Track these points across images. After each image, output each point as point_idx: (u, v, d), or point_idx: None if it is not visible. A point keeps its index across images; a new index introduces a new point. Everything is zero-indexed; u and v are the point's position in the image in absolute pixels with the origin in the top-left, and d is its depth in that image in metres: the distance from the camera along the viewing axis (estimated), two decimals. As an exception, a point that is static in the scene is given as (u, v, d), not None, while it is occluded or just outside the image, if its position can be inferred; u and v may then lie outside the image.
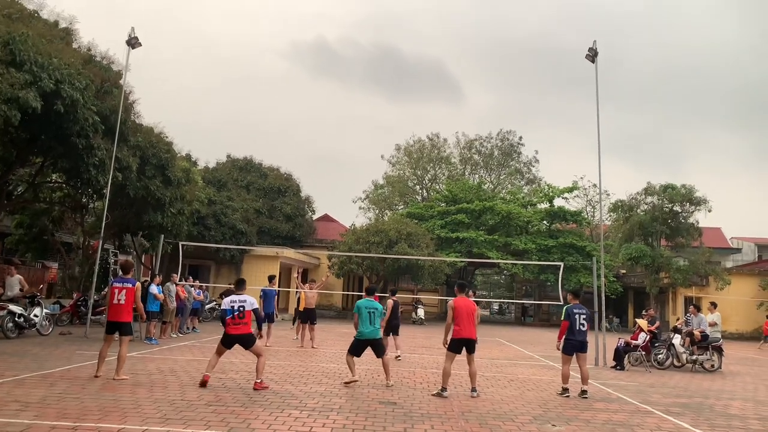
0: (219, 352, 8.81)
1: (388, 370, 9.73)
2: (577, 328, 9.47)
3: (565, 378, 9.45)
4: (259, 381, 8.55)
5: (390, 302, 13.58)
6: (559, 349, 9.67)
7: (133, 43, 15.85)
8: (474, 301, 10.20)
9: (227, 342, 8.77)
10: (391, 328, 13.36)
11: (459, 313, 8.76)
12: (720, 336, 14.69)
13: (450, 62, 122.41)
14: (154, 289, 14.41)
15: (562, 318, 9.63)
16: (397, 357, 12.88)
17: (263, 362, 8.74)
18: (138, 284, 9.34)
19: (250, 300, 8.95)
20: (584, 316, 9.57)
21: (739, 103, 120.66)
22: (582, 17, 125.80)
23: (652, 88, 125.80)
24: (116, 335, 8.97)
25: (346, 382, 9.37)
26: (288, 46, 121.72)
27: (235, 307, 8.74)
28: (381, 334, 10.13)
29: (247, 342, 8.75)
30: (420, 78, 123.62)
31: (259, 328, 9.40)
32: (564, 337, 9.58)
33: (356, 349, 9.62)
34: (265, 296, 15.50)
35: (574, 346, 9.46)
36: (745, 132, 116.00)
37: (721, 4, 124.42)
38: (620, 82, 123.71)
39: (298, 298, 17.71)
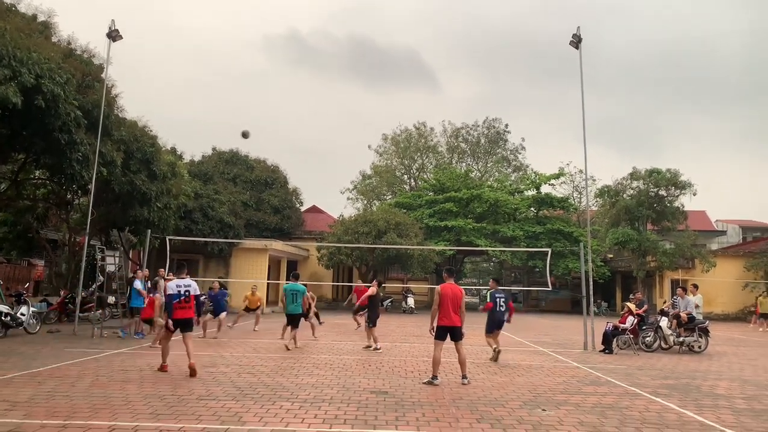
0: (167, 338, 9.25)
1: (295, 339, 12.75)
2: (498, 309, 11.65)
3: (491, 344, 11.61)
4: (192, 362, 8.83)
5: (372, 289, 13.60)
6: (483, 310, 11.91)
7: (113, 36, 15.60)
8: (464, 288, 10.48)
9: (175, 326, 9.07)
10: (373, 318, 13.26)
11: (444, 300, 8.77)
12: (701, 317, 14.87)
13: (427, 52, 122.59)
14: (138, 284, 14.26)
15: (487, 300, 11.63)
16: (375, 348, 12.76)
17: (191, 348, 9.09)
18: None
19: (194, 285, 9.46)
20: (503, 299, 11.77)
21: (718, 89, 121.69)
22: (559, 4, 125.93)
23: (631, 74, 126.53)
24: None
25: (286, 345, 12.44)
26: (263, 39, 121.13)
27: (182, 292, 9.15)
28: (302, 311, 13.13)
29: (189, 325, 9.26)
30: (398, 68, 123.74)
31: (198, 315, 10.40)
32: (488, 317, 11.83)
33: (289, 321, 12.87)
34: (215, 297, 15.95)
35: (495, 323, 11.67)
36: (723, 117, 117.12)
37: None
38: (599, 68, 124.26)
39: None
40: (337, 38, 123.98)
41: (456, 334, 8.81)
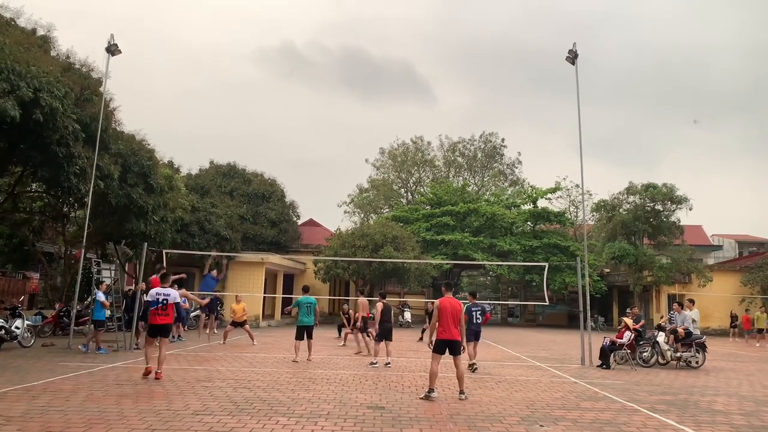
0: (149, 343, 10.10)
1: (310, 350, 13.37)
2: (474, 321, 12.66)
3: (471, 356, 12.42)
4: (160, 371, 9.70)
5: (379, 305, 13.43)
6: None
7: (112, 50, 15.67)
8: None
9: (152, 331, 10.06)
10: (384, 333, 13.16)
11: (443, 314, 8.75)
12: (699, 332, 14.87)
13: (421, 64, 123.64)
14: (101, 296, 13.94)
15: (463, 313, 11.92)
16: (386, 364, 12.66)
17: (165, 354, 10.02)
18: None
19: (174, 294, 10.16)
20: (479, 312, 12.91)
21: (712, 102, 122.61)
22: (554, 16, 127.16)
23: (624, 87, 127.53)
24: None
25: (293, 360, 12.85)
26: (257, 51, 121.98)
27: (160, 300, 9.95)
28: (316, 322, 13.60)
29: (166, 331, 10.21)
30: (393, 80, 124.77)
31: (179, 322, 11.29)
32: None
33: (299, 333, 13.07)
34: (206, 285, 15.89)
35: (471, 333, 12.42)
36: (718, 131, 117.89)
37: (692, 6, 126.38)
38: (594, 81, 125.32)
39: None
40: (331, 51, 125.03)
41: (455, 349, 8.78)
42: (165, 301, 9.95)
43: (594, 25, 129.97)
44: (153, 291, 10.10)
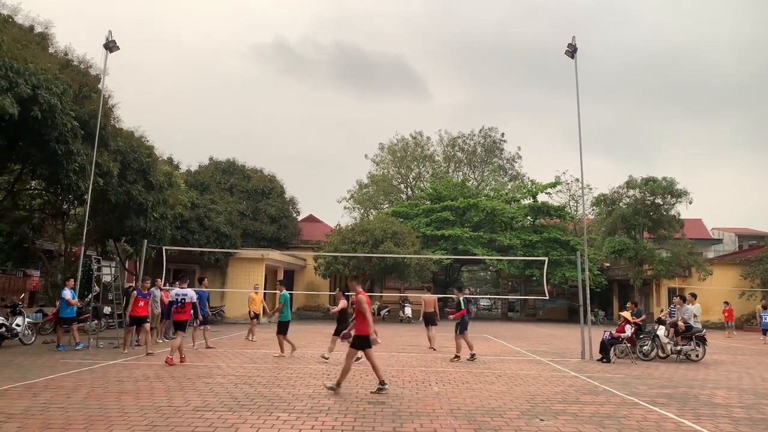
0: (179, 335, 11.63)
1: (293, 344, 13.44)
2: (469, 313, 13.84)
3: (470, 346, 13.38)
4: (170, 357, 11.14)
5: (343, 303, 13.41)
6: (452, 319, 13.94)
7: (110, 46, 15.64)
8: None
9: (175, 326, 11.91)
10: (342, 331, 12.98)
11: (369, 308, 8.76)
12: (700, 326, 14.89)
13: (416, 60, 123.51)
14: (67, 293, 13.93)
15: (462, 306, 13.54)
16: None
17: (178, 342, 11.42)
18: None
19: (191, 294, 11.97)
20: (471, 304, 13.59)
21: (707, 97, 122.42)
22: (550, 10, 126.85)
23: (623, 81, 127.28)
24: None
25: (275, 356, 12.91)
26: (251, 48, 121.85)
27: (178, 299, 11.72)
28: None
29: (183, 326, 11.77)
30: (388, 76, 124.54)
31: (195, 317, 12.76)
32: (461, 321, 13.64)
33: (285, 329, 13.20)
34: (198, 298, 15.42)
35: (465, 325, 13.54)
36: (717, 124, 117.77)
37: (686, 1, 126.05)
38: (591, 75, 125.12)
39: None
40: (326, 47, 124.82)
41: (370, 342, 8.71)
42: (182, 300, 11.70)
43: (592, 19, 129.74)
44: (173, 291, 11.64)
